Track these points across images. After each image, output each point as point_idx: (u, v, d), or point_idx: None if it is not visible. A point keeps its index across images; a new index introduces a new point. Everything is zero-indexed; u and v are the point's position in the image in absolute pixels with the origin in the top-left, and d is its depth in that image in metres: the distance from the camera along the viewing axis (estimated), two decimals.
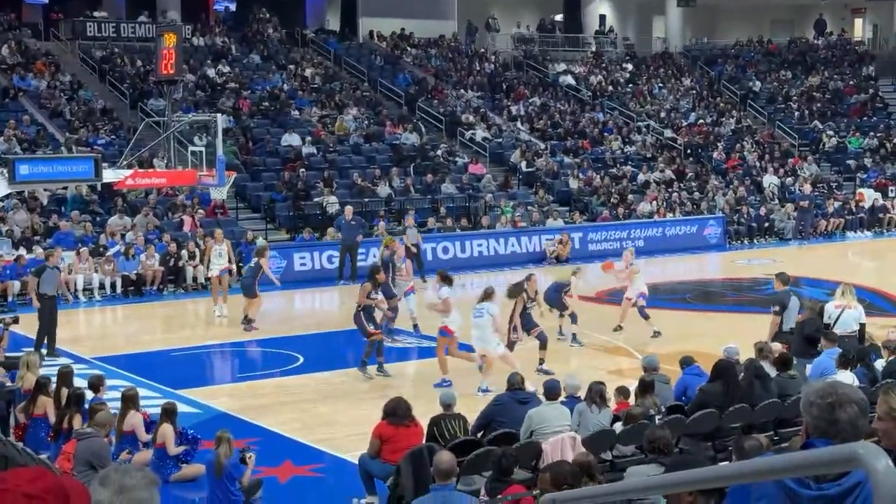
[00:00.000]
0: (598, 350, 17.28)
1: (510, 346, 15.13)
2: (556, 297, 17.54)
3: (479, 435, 10.36)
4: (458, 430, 10.20)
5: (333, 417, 13.63)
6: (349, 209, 25.80)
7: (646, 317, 17.94)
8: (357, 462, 10.33)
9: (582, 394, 10.91)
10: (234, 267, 21.60)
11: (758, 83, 44.66)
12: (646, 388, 11.20)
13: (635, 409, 10.41)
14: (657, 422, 9.81)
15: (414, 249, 24.41)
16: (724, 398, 10.60)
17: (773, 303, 14.78)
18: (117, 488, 3.08)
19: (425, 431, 10.20)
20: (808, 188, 34.72)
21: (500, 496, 8.18)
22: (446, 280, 15.90)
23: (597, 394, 10.55)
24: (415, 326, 18.48)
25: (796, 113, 42.50)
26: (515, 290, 15.90)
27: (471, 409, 11.00)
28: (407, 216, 27.03)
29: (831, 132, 40.87)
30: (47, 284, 16.96)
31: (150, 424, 11.47)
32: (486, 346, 14.66)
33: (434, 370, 15.32)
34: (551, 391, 10.52)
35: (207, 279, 22.08)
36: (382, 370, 15.57)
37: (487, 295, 14.89)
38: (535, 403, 10.49)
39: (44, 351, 16.47)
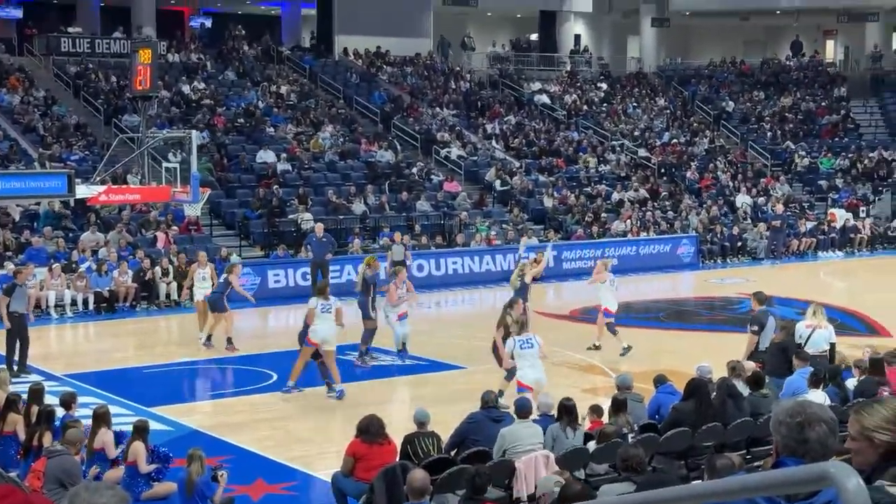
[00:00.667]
0: (571, 368, 17.30)
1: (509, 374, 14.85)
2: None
3: (452, 453, 10.35)
4: (431, 448, 10.19)
5: (306, 435, 13.58)
6: (319, 226, 25.73)
7: (613, 332, 17.95)
8: (330, 480, 10.29)
9: (555, 412, 10.90)
10: None
11: (731, 103, 45.00)
12: (619, 406, 11.21)
13: (608, 428, 10.42)
14: (630, 440, 9.82)
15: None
16: (697, 417, 10.63)
17: (752, 322, 14.82)
18: None
19: (399, 449, 10.18)
20: (780, 208, 34.97)
21: None
22: (321, 293, 15.72)
23: (570, 415, 10.50)
24: (400, 351, 18.01)
25: (769, 133, 42.84)
26: (501, 318, 15.63)
27: (445, 427, 10.97)
28: (394, 233, 27.01)
29: (803, 152, 41.22)
30: (17, 302, 16.85)
31: (121, 438, 11.38)
32: (537, 378, 14.01)
33: (411, 388, 15.31)
34: (522, 409, 10.50)
35: (183, 299, 21.57)
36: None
37: (524, 325, 14.46)
38: (508, 422, 10.47)
39: (15, 368, 16.32)
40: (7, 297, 16.74)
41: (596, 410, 11.62)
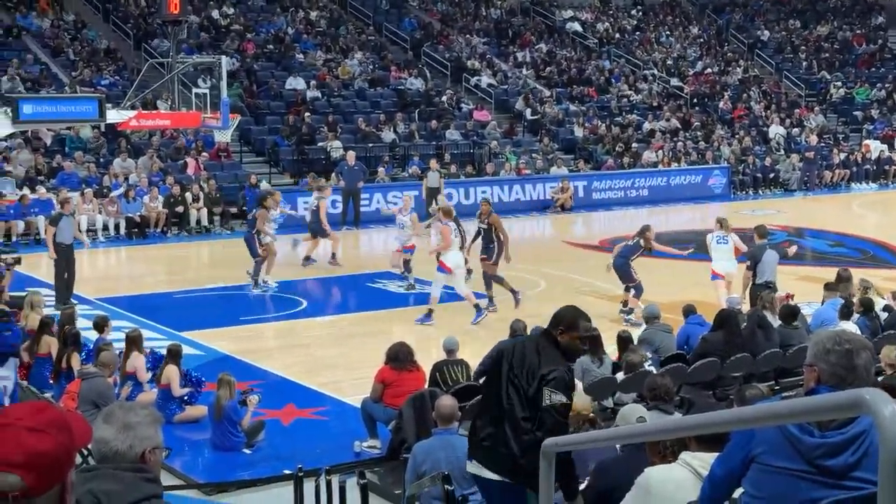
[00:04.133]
0: (599, 298, 17.25)
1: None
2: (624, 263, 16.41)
3: (480, 381, 10.39)
4: (459, 376, 10.25)
5: (336, 361, 13.68)
6: (351, 154, 25.66)
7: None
8: (360, 406, 10.38)
9: None
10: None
11: (766, 32, 44.29)
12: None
13: (634, 357, 10.36)
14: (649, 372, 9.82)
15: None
16: (726, 347, 10.61)
17: (747, 257, 14.87)
18: (122, 425, 3.10)
19: (427, 376, 10.24)
20: (813, 139, 34.56)
21: None
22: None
23: (594, 345, 10.46)
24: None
25: (804, 63, 42.21)
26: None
27: (474, 355, 11.02)
28: (430, 160, 26.91)
29: (839, 83, 40.63)
30: (64, 233, 16.45)
31: (157, 361, 11.51)
32: (729, 269, 15.79)
33: (440, 316, 15.36)
34: None
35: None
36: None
37: (722, 223, 16.24)
38: None
39: (73, 301, 16.16)
40: (53, 227, 16.45)
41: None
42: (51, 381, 11.53)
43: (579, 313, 6.02)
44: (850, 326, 10.69)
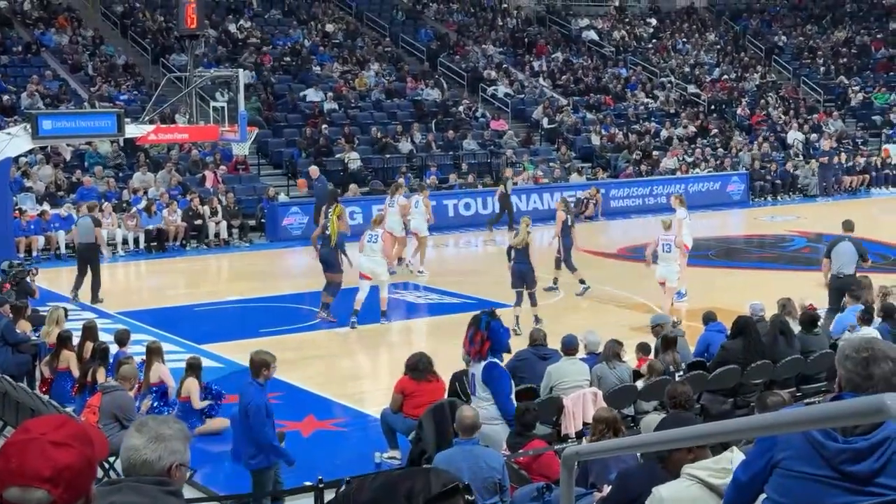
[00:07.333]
0: (619, 306, 17.24)
1: None
2: None
3: None
4: None
5: (356, 372, 13.69)
6: (314, 169, 24.81)
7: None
8: (379, 417, 10.38)
9: (601, 350, 10.87)
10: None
11: (783, 38, 44.18)
12: (668, 343, 11.14)
13: (657, 364, 10.37)
14: (678, 378, 9.80)
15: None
16: (746, 355, 10.56)
17: (826, 246, 15.64)
18: (154, 436, 3.12)
19: (447, 387, 10.23)
20: (827, 144, 34.43)
21: (521, 450, 8.21)
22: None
23: (611, 353, 10.47)
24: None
25: (822, 68, 42.06)
26: None
27: None
28: (508, 169, 27.69)
29: (857, 87, 40.45)
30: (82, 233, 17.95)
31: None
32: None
33: (459, 326, 15.34)
34: (569, 346, 10.48)
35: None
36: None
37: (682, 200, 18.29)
38: (556, 359, 10.47)
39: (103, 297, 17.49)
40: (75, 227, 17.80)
41: (643, 349, 11.57)
42: (73, 395, 11.56)
43: None
44: (869, 332, 10.62)
